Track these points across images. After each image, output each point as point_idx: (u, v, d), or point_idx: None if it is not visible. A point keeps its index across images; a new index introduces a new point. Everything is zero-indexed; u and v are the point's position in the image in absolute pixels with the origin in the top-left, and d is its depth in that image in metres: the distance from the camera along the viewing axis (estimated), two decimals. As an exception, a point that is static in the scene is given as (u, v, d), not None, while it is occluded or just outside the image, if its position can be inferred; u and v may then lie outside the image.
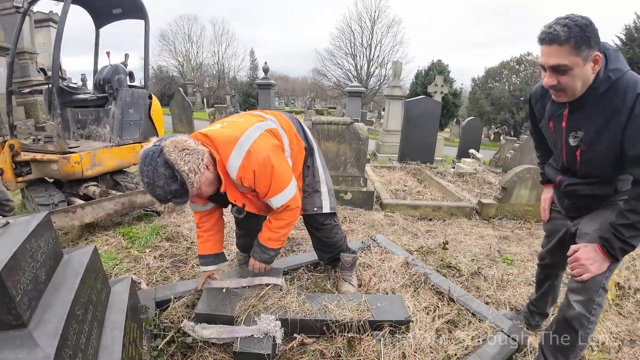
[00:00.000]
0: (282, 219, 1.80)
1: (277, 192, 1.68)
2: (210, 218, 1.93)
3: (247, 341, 1.61)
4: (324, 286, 2.19)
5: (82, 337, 1.13)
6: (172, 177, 1.38)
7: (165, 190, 1.39)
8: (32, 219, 1.20)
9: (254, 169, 1.57)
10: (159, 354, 1.56)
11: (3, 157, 3.23)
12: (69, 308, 1.08)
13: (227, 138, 1.57)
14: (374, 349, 1.81)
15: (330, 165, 3.94)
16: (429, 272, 2.50)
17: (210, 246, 1.94)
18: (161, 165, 1.36)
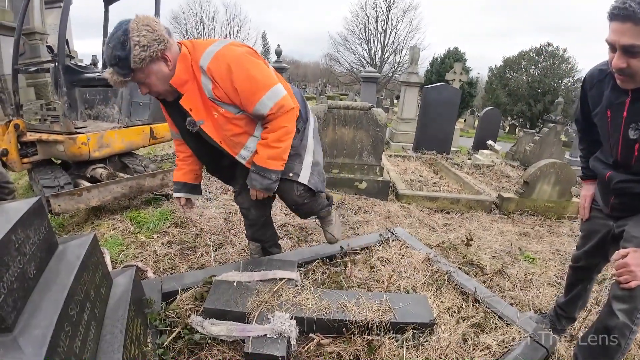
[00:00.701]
0: (279, 127, 1.54)
1: (264, 89, 1.48)
2: (186, 149, 1.86)
3: (259, 341, 1.47)
4: (340, 281, 2.04)
5: (77, 340, 0.99)
6: (122, 44, 1.35)
7: (111, 54, 1.36)
8: (20, 206, 1.05)
9: (228, 61, 1.45)
10: (165, 352, 1.44)
11: (8, 137, 3.13)
12: (61, 308, 0.94)
13: (207, 40, 1.55)
14: (395, 353, 1.67)
15: (345, 152, 3.77)
16: (452, 270, 2.34)
17: (182, 175, 1.90)
18: (121, 30, 1.35)
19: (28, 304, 0.94)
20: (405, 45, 27.34)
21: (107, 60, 1.39)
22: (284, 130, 1.56)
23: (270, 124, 1.56)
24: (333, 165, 3.75)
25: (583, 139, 1.80)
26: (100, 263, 1.33)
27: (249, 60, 1.49)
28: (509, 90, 21.27)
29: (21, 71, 3.94)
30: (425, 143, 6.64)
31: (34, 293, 0.98)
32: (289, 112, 1.55)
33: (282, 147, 1.58)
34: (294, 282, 1.81)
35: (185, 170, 1.89)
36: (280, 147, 1.57)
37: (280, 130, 1.55)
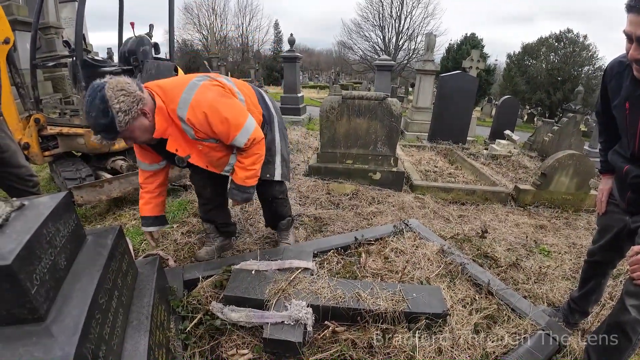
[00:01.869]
0: (252, 154, 1.82)
1: (238, 128, 1.71)
2: (154, 180, 1.96)
3: (277, 327, 1.53)
4: (355, 272, 2.08)
5: (106, 327, 1.06)
6: (104, 112, 1.44)
7: (96, 123, 1.45)
8: (49, 201, 1.11)
9: (204, 110, 1.63)
10: (187, 337, 1.51)
11: (29, 131, 3.21)
12: (92, 297, 1.00)
13: (175, 83, 1.69)
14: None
15: (359, 143, 3.77)
16: (466, 262, 2.36)
17: (151, 208, 1.98)
18: (98, 99, 1.43)
19: (59, 294, 1.00)
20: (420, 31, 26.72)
21: (93, 128, 1.49)
22: (256, 156, 1.85)
23: (245, 152, 1.82)
24: (347, 155, 3.77)
25: (603, 132, 1.77)
26: (126, 252, 1.40)
27: (221, 103, 1.68)
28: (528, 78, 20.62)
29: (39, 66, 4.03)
30: (440, 133, 6.55)
31: (65, 283, 1.04)
32: (261, 142, 1.84)
33: (256, 168, 1.87)
34: (310, 271, 1.86)
35: (154, 204, 1.99)
36: (255, 169, 1.87)
37: (254, 156, 1.84)
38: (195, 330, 1.59)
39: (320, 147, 3.85)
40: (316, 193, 3.47)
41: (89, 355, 0.92)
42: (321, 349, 1.56)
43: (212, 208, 2.28)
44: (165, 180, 2.04)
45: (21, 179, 2.34)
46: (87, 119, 1.50)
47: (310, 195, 3.43)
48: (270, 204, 2.28)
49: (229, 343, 1.58)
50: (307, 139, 6.08)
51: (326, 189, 3.58)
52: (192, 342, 1.53)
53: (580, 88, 11.46)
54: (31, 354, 0.83)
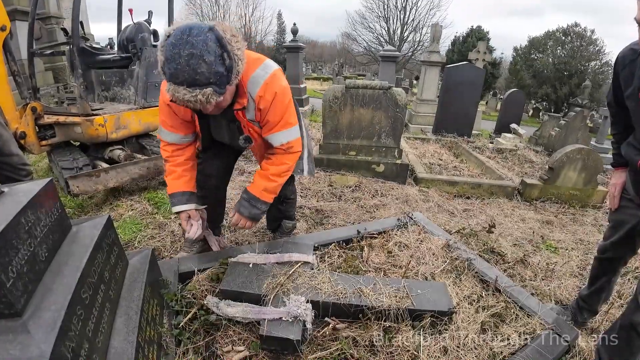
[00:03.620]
0: (281, 162, 1.64)
1: (286, 125, 1.57)
2: (184, 152, 1.73)
3: (274, 324, 1.45)
4: (357, 266, 2.00)
5: (90, 323, 0.98)
6: (221, 57, 1.19)
7: (211, 70, 1.17)
8: (31, 187, 1.03)
9: (276, 90, 1.47)
10: (181, 333, 1.44)
11: (25, 120, 3.13)
12: (73, 291, 0.92)
13: (253, 55, 1.48)
14: (412, 341, 1.63)
15: (363, 134, 3.67)
16: (473, 258, 2.27)
17: (185, 182, 1.70)
18: (213, 41, 1.16)
19: (39, 287, 0.92)
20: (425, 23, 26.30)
21: (204, 79, 1.17)
22: (285, 167, 1.65)
23: (275, 156, 1.64)
24: (350, 147, 3.67)
25: (615, 124, 1.68)
26: (115, 244, 1.32)
27: (290, 97, 1.55)
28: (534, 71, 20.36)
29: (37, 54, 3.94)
30: (445, 125, 6.43)
31: (46, 276, 0.96)
32: (295, 154, 1.66)
33: (279, 181, 1.65)
34: (310, 265, 1.78)
35: (188, 177, 1.73)
36: (277, 182, 1.65)
37: (282, 166, 1.64)
38: (190, 326, 1.51)
39: (323, 138, 3.75)
40: (318, 185, 3.39)
41: (69, 353, 0.85)
42: (321, 347, 1.49)
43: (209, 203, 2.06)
44: (194, 154, 1.80)
45: (14, 167, 2.27)
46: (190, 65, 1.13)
47: (311, 187, 3.34)
48: (281, 204, 2.14)
49: (225, 339, 1.51)
50: (310, 131, 5.97)
51: (328, 180, 3.50)
52: (186, 338, 1.45)
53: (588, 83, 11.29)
54: (7, 351, 0.77)
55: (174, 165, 1.70)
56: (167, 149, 1.71)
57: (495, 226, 2.76)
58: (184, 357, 1.38)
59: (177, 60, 1.14)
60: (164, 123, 1.66)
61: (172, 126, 1.65)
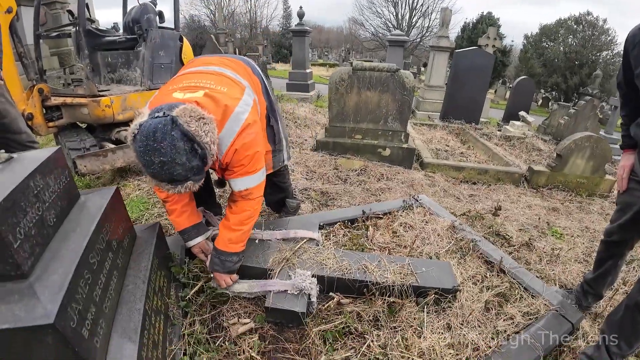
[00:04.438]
0: (243, 210, 1.52)
1: (247, 173, 1.46)
2: None
3: (280, 297, 1.47)
4: (362, 244, 2.01)
5: (97, 288, 0.99)
6: (192, 152, 1.16)
7: (186, 168, 1.16)
8: (40, 154, 1.04)
9: (237, 147, 1.38)
10: (187, 304, 1.46)
11: (32, 101, 3.13)
12: (81, 256, 0.93)
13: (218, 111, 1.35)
14: (416, 317, 1.65)
15: (369, 117, 3.63)
16: (478, 239, 2.27)
17: (187, 217, 1.62)
18: (179, 139, 1.12)
19: (47, 251, 0.93)
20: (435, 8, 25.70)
21: (182, 176, 1.17)
22: (245, 214, 1.52)
23: (235, 204, 1.53)
24: (356, 130, 3.64)
25: (625, 105, 1.65)
26: (123, 215, 1.33)
27: (255, 151, 1.44)
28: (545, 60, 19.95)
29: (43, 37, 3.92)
30: (453, 112, 6.35)
31: (53, 241, 0.97)
32: (256, 200, 1.54)
33: (243, 229, 1.53)
34: (315, 242, 1.79)
35: (189, 212, 1.63)
36: (242, 230, 1.53)
37: (243, 213, 1.52)
38: (196, 298, 1.53)
39: (329, 121, 3.73)
40: (323, 168, 3.38)
41: (75, 315, 0.86)
42: (325, 320, 1.50)
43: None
44: None
45: (22, 145, 2.28)
46: (166, 170, 1.13)
47: (317, 170, 3.34)
48: (274, 175, 2.10)
49: (230, 312, 1.53)
50: (315, 116, 5.94)
51: (334, 164, 3.49)
52: (192, 310, 1.48)
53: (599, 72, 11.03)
54: (12, 312, 0.77)
55: (173, 204, 1.59)
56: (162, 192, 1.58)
57: (501, 209, 2.74)
58: (190, 327, 1.40)
59: (151, 167, 1.13)
60: None
61: None
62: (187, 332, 1.35)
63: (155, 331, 1.18)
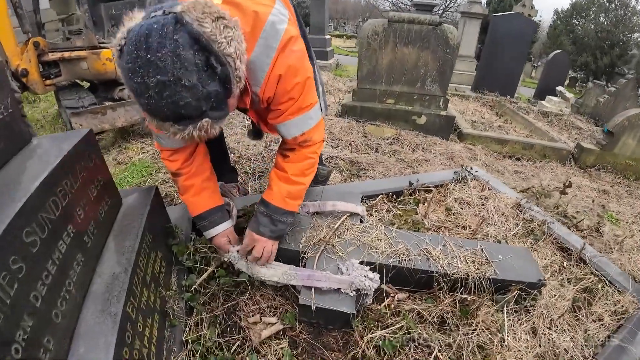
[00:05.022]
0: (304, 157, 1.16)
1: (298, 110, 1.07)
2: (198, 154, 1.21)
3: (325, 294, 1.07)
4: (417, 221, 1.59)
5: (38, 286, 0.60)
6: (207, 68, 0.74)
7: (199, 94, 0.74)
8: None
9: (282, 72, 0.96)
10: (192, 297, 1.07)
11: (27, 55, 2.81)
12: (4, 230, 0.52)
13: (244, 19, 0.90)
14: (493, 319, 1.24)
15: (404, 79, 3.15)
16: (550, 221, 1.84)
17: (210, 196, 1.21)
18: (187, 47, 0.71)
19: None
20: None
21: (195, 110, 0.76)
22: (308, 163, 1.17)
23: (293, 152, 1.17)
24: (389, 94, 3.16)
25: None
26: (98, 170, 0.92)
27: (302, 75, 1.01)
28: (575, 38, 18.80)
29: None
30: (487, 83, 5.77)
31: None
32: (319, 144, 1.19)
33: (304, 182, 1.18)
34: (358, 217, 1.38)
35: (211, 190, 1.23)
36: (303, 183, 1.18)
37: (305, 162, 1.17)
38: (206, 288, 1.14)
39: (358, 83, 3.25)
40: (350, 135, 2.94)
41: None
42: (379, 324, 1.10)
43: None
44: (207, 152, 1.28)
45: None
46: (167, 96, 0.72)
47: (343, 137, 2.90)
48: None
49: (250, 305, 1.14)
50: (336, 83, 5.44)
51: (362, 131, 3.04)
52: (200, 304, 1.09)
53: (636, 52, 10.19)
54: None
55: (189, 178, 1.18)
56: (173, 158, 1.17)
57: (571, 186, 2.29)
58: (196, 330, 1.02)
59: (145, 95, 0.73)
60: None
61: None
62: (191, 337, 0.97)
63: (145, 342, 0.79)
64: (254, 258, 1.14)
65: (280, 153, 1.20)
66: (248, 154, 2.38)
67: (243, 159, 2.31)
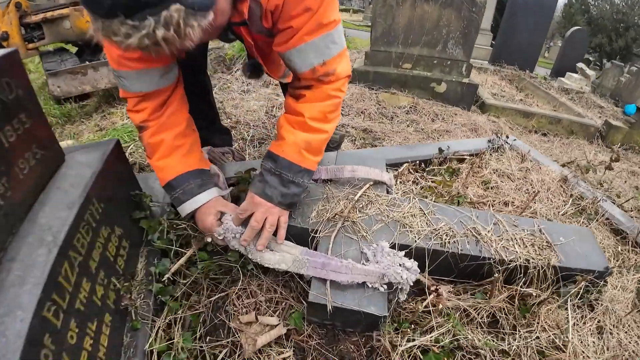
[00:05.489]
0: (324, 96, 0.86)
1: (318, 28, 0.78)
2: (172, 100, 0.93)
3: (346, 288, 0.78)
4: (455, 195, 1.29)
5: None
6: None
7: None
8: None
9: None
10: (163, 289, 0.78)
11: (8, 17, 2.63)
12: None
13: None
14: (554, 317, 0.97)
15: (424, 40, 2.79)
16: (602, 198, 1.55)
17: (184, 155, 0.92)
18: None
19: None
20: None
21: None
22: (333, 103, 0.88)
23: (310, 91, 0.87)
24: (406, 57, 2.81)
25: None
26: (20, 105, 0.62)
27: None
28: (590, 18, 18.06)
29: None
30: (505, 55, 5.34)
31: None
32: (344, 79, 0.90)
33: (328, 130, 0.89)
34: (385, 187, 1.08)
35: (187, 148, 0.93)
36: (326, 131, 0.89)
37: (329, 101, 0.87)
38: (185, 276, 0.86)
39: (371, 44, 2.89)
40: (362, 103, 2.61)
41: None
42: (416, 327, 0.82)
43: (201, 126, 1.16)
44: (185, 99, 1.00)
45: None
46: None
47: (354, 105, 2.57)
48: None
49: (244, 299, 0.86)
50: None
51: (375, 99, 2.71)
52: (172, 300, 0.81)
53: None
54: None
55: (157, 132, 0.90)
56: (140, 107, 0.90)
57: (618, 160, 1.98)
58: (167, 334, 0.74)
59: None
60: (120, 59, 0.83)
61: (140, 59, 0.83)
62: (158, 345, 0.69)
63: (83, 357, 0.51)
64: (251, 231, 0.82)
65: (291, 95, 0.90)
66: (247, 119, 2.07)
67: (241, 125, 2.00)
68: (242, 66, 0.93)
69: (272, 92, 2.64)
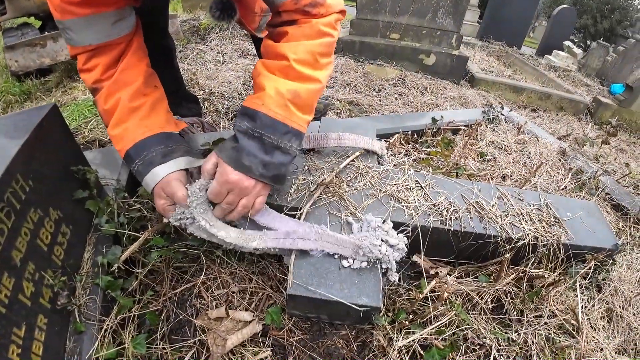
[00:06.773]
0: (313, 33, 0.70)
1: None
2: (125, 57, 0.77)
3: (322, 268, 0.66)
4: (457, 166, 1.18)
5: None
6: None
7: None
8: None
9: None
10: (112, 283, 0.64)
11: None
12: None
13: None
14: (562, 299, 0.88)
15: (412, 9, 2.62)
16: (601, 172, 1.47)
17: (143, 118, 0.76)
18: None
19: None
20: None
21: None
22: (326, 42, 0.72)
23: (296, 26, 0.70)
24: (393, 27, 2.64)
25: None
26: None
27: None
28: (575, -2, 18.06)
29: None
30: (494, 31, 5.21)
31: None
32: (336, 15, 0.75)
33: (320, 78, 0.71)
34: (376, 157, 0.95)
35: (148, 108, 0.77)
36: (318, 80, 0.71)
37: (320, 40, 0.71)
38: (143, 265, 0.72)
39: (357, 12, 2.70)
40: (348, 75, 2.45)
41: None
42: (415, 317, 0.71)
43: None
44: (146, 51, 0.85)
45: None
46: None
47: (339, 77, 2.41)
48: None
49: (213, 291, 0.73)
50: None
51: (361, 71, 2.55)
52: (123, 296, 0.67)
53: (640, 15, 9.69)
54: None
55: (112, 93, 0.74)
56: (91, 65, 0.74)
57: (616, 134, 1.91)
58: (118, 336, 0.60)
59: None
60: (63, 5, 0.68)
61: (85, 2, 0.68)
62: (105, 352, 0.55)
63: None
64: (221, 212, 0.68)
65: (270, 36, 0.74)
66: (221, 90, 1.88)
67: (215, 96, 1.82)
68: (209, 4, 0.73)
69: (250, 63, 2.44)
